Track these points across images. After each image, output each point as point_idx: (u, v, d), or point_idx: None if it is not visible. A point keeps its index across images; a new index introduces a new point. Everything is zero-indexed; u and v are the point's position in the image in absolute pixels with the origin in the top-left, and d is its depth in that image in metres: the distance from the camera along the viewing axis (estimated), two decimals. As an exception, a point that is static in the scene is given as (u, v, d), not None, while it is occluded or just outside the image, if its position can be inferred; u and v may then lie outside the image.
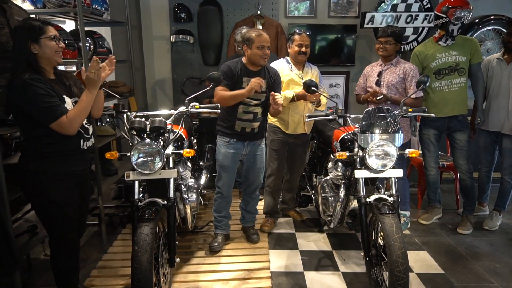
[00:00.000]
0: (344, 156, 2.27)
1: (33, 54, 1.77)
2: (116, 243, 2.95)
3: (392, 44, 2.89)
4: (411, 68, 2.91)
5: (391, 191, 2.23)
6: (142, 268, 1.77)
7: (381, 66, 3.01)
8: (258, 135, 2.75)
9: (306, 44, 2.86)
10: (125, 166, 3.41)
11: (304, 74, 2.94)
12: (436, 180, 3.27)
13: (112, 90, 2.95)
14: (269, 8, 4.03)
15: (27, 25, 1.78)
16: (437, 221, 3.34)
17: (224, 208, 2.85)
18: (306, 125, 3.01)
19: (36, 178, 1.85)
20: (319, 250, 2.85)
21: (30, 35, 1.76)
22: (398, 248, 1.90)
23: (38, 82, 1.73)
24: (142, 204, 2.08)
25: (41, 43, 1.78)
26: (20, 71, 1.76)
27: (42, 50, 1.79)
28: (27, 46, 1.76)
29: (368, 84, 3.07)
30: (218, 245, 2.80)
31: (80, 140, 1.96)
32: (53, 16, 2.97)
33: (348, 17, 4.09)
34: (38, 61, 1.80)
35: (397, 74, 2.92)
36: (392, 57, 2.97)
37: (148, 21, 4.08)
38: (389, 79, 2.93)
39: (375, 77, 3.01)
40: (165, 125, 2.13)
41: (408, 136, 3.00)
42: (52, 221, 1.96)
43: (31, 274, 2.55)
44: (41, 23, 1.81)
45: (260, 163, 2.83)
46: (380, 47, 2.94)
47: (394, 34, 2.87)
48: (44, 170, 1.84)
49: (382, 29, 2.94)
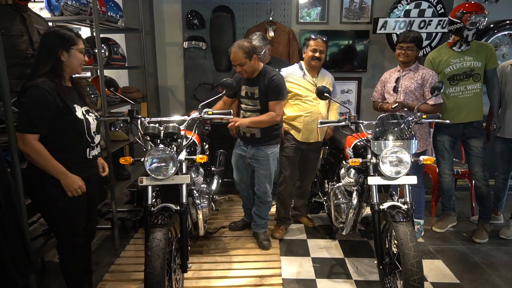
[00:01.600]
0: (357, 162, 2.25)
1: (60, 61, 1.83)
2: (128, 247, 2.97)
3: (413, 50, 2.83)
4: (430, 74, 2.85)
5: (405, 198, 2.20)
6: (155, 273, 1.77)
7: (399, 72, 2.97)
8: (261, 141, 2.76)
9: (320, 50, 2.83)
10: (138, 170, 3.44)
11: (318, 80, 2.91)
12: (450, 188, 3.22)
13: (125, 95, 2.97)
14: (281, 14, 4.05)
15: (62, 33, 1.83)
16: (452, 229, 3.28)
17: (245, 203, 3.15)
18: (320, 133, 2.98)
19: (41, 185, 1.87)
20: (331, 257, 2.82)
21: (63, 43, 1.82)
22: (413, 257, 1.88)
23: (45, 92, 1.74)
24: (155, 209, 2.09)
25: (71, 52, 1.85)
26: (39, 74, 1.80)
27: (70, 60, 1.85)
28: (57, 53, 1.81)
29: (386, 90, 3.03)
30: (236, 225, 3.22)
31: (86, 149, 1.98)
32: (69, 23, 3.03)
33: (360, 22, 4.08)
34: (62, 68, 1.85)
35: (415, 80, 2.86)
36: (411, 63, 2.91)
37: (161, 27, 4.14)
38: (407, 85, 2.89)
39: (392, 83, 2.97)
40: (178, 131, 2.15)
41: (426, 145, 2.95)
42: (58, 227, 1.98)
43: (45, 277, 2.58)
44: (75, 34, 1.87)
45: (265, 169, 2.82)
46: (401, 53, 2.87)
47: (416, 39, 2.81)
48: (48, 177, 1.84)
49: (403, 34, 2.86)
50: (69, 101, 1.86)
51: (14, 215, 1.56)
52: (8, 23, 1.93)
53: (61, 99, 1.81)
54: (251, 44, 2.61)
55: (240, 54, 2.53)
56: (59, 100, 1.80)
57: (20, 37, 1.97)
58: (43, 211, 1.99)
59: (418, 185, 2.84)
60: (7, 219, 1.52)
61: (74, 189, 1.88)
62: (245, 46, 2.55)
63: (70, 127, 1.87)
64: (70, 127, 1.87)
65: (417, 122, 2.36)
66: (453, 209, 3.31)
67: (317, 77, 2.92)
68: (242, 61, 2.55)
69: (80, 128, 1.91)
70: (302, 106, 2.93)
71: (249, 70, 2.61)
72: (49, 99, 1.76)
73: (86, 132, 1.94)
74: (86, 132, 1.93)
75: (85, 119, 1.93)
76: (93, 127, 1.99)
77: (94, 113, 2.05)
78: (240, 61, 2.55)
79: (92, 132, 1.99)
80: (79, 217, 2.00)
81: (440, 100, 2.85)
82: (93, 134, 2.00)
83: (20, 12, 2.03)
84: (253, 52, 2.57)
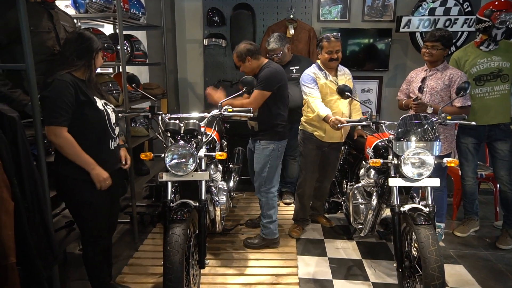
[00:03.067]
0: (378, 163, 2.22)
1: (93, 61, 1.96)
2: (146, 242, 3.01)
3: (439, 50, 2.71)
4: (458, 75, 2.71)
5: (427, 201, 2.15)
6: (174, 268, 1.79)
7: (425, 71, 2.85)
8: (259, 135, 2.77)
9: (336, 50, 2.75)
10: (157, 166, 3.48)
11: (339, 79, 2.84)
12: (473, 191, 3.13)
13: (146, 91, 3.02)
14: (301, 12, 4.02)
15: (95, 38, 1.95)
16: (474, 234, 3.19)
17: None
18: (344, 133, 2.91)
19: (67, 180, 1.93)
20: (348, 258, 2.79)
21: (96, 47, 1.94)
22: (434, 261, 1.83)
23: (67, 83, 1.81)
24: (174, 205, 2.11)
25: (99, 54, 1.98)
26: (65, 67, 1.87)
27: (97, 60, 1.99)
28: (93, 54, 1.93)
29: (411, 90, 2.94)
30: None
31: (109, 140, 2.03)
32: (93, 20, 3.09)
33: (383, 21, 4.01)
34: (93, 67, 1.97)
35: (442, 80, 2.75)
36: (438, 63, 2.79)
37: (182, 24, 4.17)
38: (433, 85, 2.77)
39: (418, 82, 2.87)
40: (198, 128, 2.16)
41: (451, 148, 2.87)
42: (83, 220, 2.03)
43: (67, 268, 2.65)
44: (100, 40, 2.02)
45: (257, 163, 2.78)
46: (426, 52, 2.76)
47: (442, 38, 2.68)
48: (74, 173, 1.90)
49: (429, 33, 2.74)
50: (89, 93, 1.92)
51: (39, 207, 1.61)
52: (37, 21, 1.98)
53: (81, 91, 1.87)
54: (246, 48, 2.67)
55: (235, 57, 2.75)
56: (80, 93, 1.86)
57: (47, 33, 2.02)
58: (70, 206, 2.05)
59: (440, 188, 2.79)
60: (32, 211, 1.57)
61: (103, 181, 1.93)
62: (238, 50, 2.70)
63: (93, 119, 1.92)
64: (94, 119, 1.93)
65: (441, 123, 2.29)
66: (476, 213, 3.22)
67: (336, 76, 2.86)
68: (238, 64, 2.76)
69: (102, 119, 1.96)
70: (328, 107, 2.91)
71: (246, 70, 2.73)
72: (71, 90, 1.82)
73: (108, 122, 1.99)
74: (107, 123, 1.99)
75: (105, 111, 1.99)
76: (113, 119, 2.05)
77: (111, 105, 2.10)
78: (237, 63, 2.77)
79: (113, 124, 2.04)
80: (103, 211, 2.05)
81: (467, 102, 2.72)
82: (114, 126, 2.05)
83: (47, 9, 2.08)
84: (246, 55, 2.68)
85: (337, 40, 2.75)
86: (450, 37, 2.74)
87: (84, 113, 1.88)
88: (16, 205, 1.42)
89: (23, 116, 1.78)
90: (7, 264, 1.36)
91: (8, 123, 1.47)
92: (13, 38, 1.89)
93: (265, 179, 2.79)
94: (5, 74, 1.99)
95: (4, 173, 1.37)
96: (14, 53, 1.96)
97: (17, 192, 1.45)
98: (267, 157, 2.75)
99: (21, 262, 1.48)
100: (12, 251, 1.38)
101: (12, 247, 1.38)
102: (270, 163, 2.76)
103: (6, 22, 1.87)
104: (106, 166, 1.99)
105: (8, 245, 1.36)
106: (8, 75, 1.99)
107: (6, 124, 1.46)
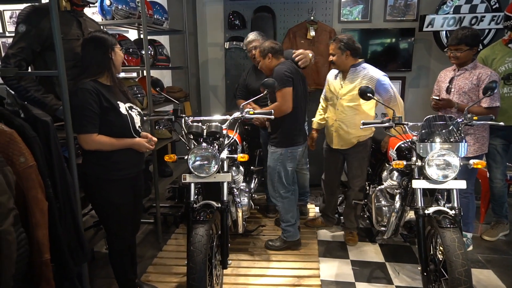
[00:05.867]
0: (402, 165, 2.19)
1: (111, 60, 1.98)
2: (170, 242, 3.08)
3: (464, 51, 2.57)
4: (487, 74, 2.56)
5: (453, 203, 2.11)
6: (197, 268, 1.83)
7: (454, 71, 2.74)
8: (271, 138, 2.80)
9: (331, 53, 2.74)
10: (180, 168, 3.55)
11: (346, 82, 2.74)
12: (502, 194, 3.03)
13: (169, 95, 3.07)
14: (322, 14, 4.01)
15: (105, 36, 1.97)
16: (504, 238, 3.09)
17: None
18: (360, 137, 2.81)
19: (94, 182, 2.00)
20: (371, 261, 2.76)
21: (110, 44, 1.96)
22: (461, 265, 1.79)
23: (90, 91, 1.87)
24: (198, 206, 2.15)
25: (115, 50, 1.99)
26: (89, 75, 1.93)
27: (116, 57, 2.00)
28: (108, 52, 1.95)
29: (439, 90, 2.83)
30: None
31: None
32: (119, 26, 3.19)
33: (405, 20, 3.94)
34: (113, 66, 2.00)
35: (470, 80, 2.61)
36: (468, 62, 2.65)
37: (203, 28, 4.24)
38: (461, 85, 2.65)
39: (446, 83, 2.76)
40: (221, 130, 2.20)
41: (482, 150, 2.72)
42: (109, 220, 2.10)
43: (94, 266, 2.74)
44: (111, 35, 2.02)
45: (268, 166, 2.82)
46: (451, 56, 2.64)
47: (465, 38, 2.54)
48: (99, 174, 1.98)
49: (452, 36, 2.61)
50: (112, 98, 1.97)
51: (70, 207, 1.67)
52: (67, 28, 2.07)
53: (104, 98, 1.92)
54: (270, 46, 2.73)
55: (257, 52, 2.80)
56: (103, 99, 1.91)
57: (76, 41, 2.11)
58: (96, 206, 2.12)
59: (466, 194, 2.70)
60: (64, 211, 1.63)
61: (144, 147, 2.06)
62: (263, 46, 2.76)
63: (116, 124, 1.97)
64: (116, 124, 1.98)
65: (467, 124, 2.23)
66: (505, 217, 3.12)
67: (345, 78, 2.77)
68: (258, 58, 2.80)
69: (125, 124, 2.01)
70: (328, 110, 2.96)
71: (264, 67, 2.79)
72: (94, 97, 1.88)
73: (131, 127, 2.03)
74: (131, 127, 2.03)
75: (129, 115, 2.03)
76: (138, 122, 2.09)
77: (137, 109, 2.14)
78: (258, 57, 2.81)
79: (138, 127, 2.08)
80: (128, 211, 2.11)
81: (496, 103, 2.57)
82: (139, 129, 2.09)
83: (77, 17, 2.17)
84: (268, 51, 2.72)
85: (331, 43, 2.76)
86: (475, 35, 2.58)
87: (107, 118, 1.94)
88: (50, 205, 1.48)
89: (55, 120, 1.87)
90: (42, 261, 1.43)
91: (42, 127, 1.54)
92: (46, 45, 1.99)
93: (276, 183, 2.79)
94: (38, 80, 2.09)
95: (39, 175, 1.44)
96: (46, 60, 2.05)
97: (50, 193, 1.52)
98: (276, 161, 2.76)
99: (54, 259, 1.54)
100: (46, 248, 1.45)
101: (47, 244, 1.45)
102: (279, 168, 2.75)
103: (40, 31, 1.96)
104: (130, 169, 2.05)
105: (43, 242, 1.43)
106: (41, 81, 2.09)
107: (40, 128, 1.53)
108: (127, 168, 2.04)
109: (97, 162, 1.97)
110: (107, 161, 1.97)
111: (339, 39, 2.70)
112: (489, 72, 2.58)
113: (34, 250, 1.41)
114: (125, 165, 2.03)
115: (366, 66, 2.76)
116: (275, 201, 2.87)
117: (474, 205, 2.88)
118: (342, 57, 2.70)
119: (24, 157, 1.37)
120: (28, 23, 1.95)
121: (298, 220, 2.92)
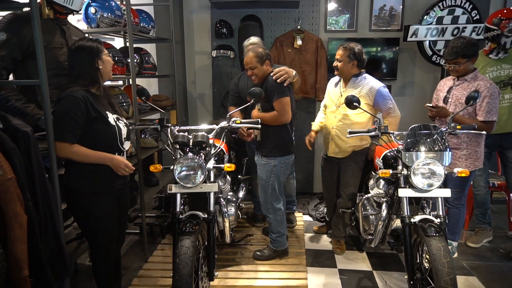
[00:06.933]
0: (388, 174, 2.20)
1: (98, 69, 1.93)
2: (156, 253, 3.02)
3: (463, 64, 2.50)
4: (486, 86, 2.47)
5: (438, 211, 2.13)
6: (183, 281, 1.80)
7: (453, 80, 2.67)
8: (261, 147, 2.71)
9: (337, 58, 2.74)
10: (166, 176, 3.51)
11: (346, 90, 2.76)
12: (485, 201, 3.08)
13: (155, 103, 3.06)
14: (309, 23, 4.05)
15: (90, 44, 1.92)
16: (488, 244, 3.13)
17: None
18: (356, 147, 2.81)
19: (75, 194, 1.94)
20: (358, 270, 2.76)
21: (96, 53, 1.92)
22: (447, 274, 1.81)
23: (78, 99, 1.82)
24: (184, 217, 2.12)
25: (103, 58, 1.95)
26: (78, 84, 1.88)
27: (104, 65, 1.95)
28: (95, 62, 1.91)
29: (437, 100, 2.79)
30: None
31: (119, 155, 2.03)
32: (104, 34, 3.15)
33: (390, 30, 4.01)
34: (100, 75, 1.95)
35: (468, 91, 2.49)
36: (468, 73, 2.57)
37: (190, 37, 4.23)
38: (458, 96, 2.58)
39: (444, 92, 2.71)
40: (207, 140, 2.18)
41: (476, 165, 2.65)
42: (92, 234, 2.04)
43: (77, 279, 2.67)
44: (98, 42, 1.96)
45: (260, 178, 2.75)
46: (450, 70, 2.59)
47: (462, 51, 2.46)
48: (82, 187, 1.92)
49: (447, 49, 2.54)
50: (101, 108, 1.93)
51: (52, 219, 1.63)
52: (50, 37, 2.03)
53: (93, 107, 1.88)
54: (267, 52, 2.62)
55: (253, 57, 2.59)
56: (91, 109, 1.87)
57: (60, 49, 2.07)
58: (79, 219, 2.06)
59: (459, 206, 2.72)
60: (45, 224, 1.59)
61: (122, 169, 1.97)
62: (259, 51, 2.59)
63: (103, 134, 1.94)
64: (104, 134, 1.94)
65: (450, 133, 2.27)
66: (488, 223, 3.17)
67: (345, 88, 2.79)
68: (254, 65, 2.60)
69: (112, 135, 1.97)
70: (326, 117, 2.96)
71: (259, 74, 2.62)
72: (82, 106, 1.83)
73: (118, 138, 2.00)
74: (118, 138, 2.00)
75: (117, 126, 2.00)
76: (124, 134, 2.05)
77: (124, 120, 2.11)
78: (252, 64, 2.60)
79: (123, 139, 2.05)
80: (112, 225, 2.06)
81: (493, 117, 2.48)
82: (124, 140, 2.06)
83: (60, 25, 2.13)
84: (267, 58, 2.60)
85: (339, 48, 2.74)
86: (470, 44, 2.48)
87: (95, 128, 1.90)
88: (29, 218, 1.44)
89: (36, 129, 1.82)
90: (20, 277, 1.38)
91: (22, 137, 1.51)
92: (27, 54, 1.95)
93: (269, 196, 2.74)
94: (19, 89, 2.04)
95: (18, 187, 1.40)
96: (28, 69, 2.01)
97: (30, 206, 1.48)
98: (269, 174, 2.70)
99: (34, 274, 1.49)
100: (25, 264, 1.40)
101: (25, 260, 1.40)
102: (273, 180, 2.70)
103: (22, 39, 1.92)
104: (115, 181, 2.01)
105: (21, 258, 1.38)
106: (22, 90, 2.04)
107: (20, 139, 1.50)
108: (112, 181, 1.99)
109: (80, 174, 1.92)
110: (90, 174, 1.92)
111: (350, 48, 2.68)
112: (488, 85, 2.50)
113: (12, 266, 1.37)
114: (110, 178, 1.98)
115: (367, 76, 2.79)
116: (267, 214, 2.82)
117: (464, 216, 2.89)
118: (349, 65, 2.70)
119: (2, 170, 1.33)
120: (9, 31, 1.91)
121: (286, 229, 2.90)
